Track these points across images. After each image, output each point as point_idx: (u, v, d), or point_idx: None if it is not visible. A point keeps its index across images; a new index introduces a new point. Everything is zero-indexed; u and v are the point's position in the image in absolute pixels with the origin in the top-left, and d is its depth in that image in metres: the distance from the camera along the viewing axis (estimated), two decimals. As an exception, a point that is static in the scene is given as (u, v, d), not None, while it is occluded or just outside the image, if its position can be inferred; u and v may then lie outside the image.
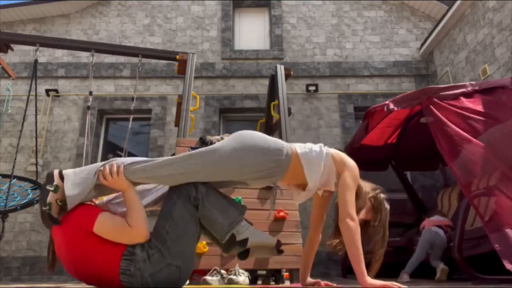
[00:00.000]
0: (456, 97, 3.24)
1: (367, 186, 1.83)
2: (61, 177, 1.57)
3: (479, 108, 3.16)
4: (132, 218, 1.57)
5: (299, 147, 1.73)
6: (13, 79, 4.70)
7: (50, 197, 1.54)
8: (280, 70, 4.23)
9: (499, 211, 2.54)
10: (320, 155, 1.72)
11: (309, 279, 1.98)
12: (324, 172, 1.71)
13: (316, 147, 1.76)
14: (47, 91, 6.08)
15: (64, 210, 1.56)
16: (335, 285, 1.95)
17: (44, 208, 1.54)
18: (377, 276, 1.70)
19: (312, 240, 1.99)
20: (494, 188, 2.67)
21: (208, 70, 6.41)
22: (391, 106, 3.63)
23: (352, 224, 1.62)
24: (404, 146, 4.87)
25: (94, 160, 5.87)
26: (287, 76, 4.33)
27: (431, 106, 3.22)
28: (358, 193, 1.75)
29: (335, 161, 1.73)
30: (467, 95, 3.26)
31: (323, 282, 1.96)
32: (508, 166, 2.75)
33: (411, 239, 4.20)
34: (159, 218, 1.65)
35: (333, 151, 1.78)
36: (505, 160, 2.79)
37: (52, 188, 1.54)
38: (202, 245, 2.80)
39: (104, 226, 1.52)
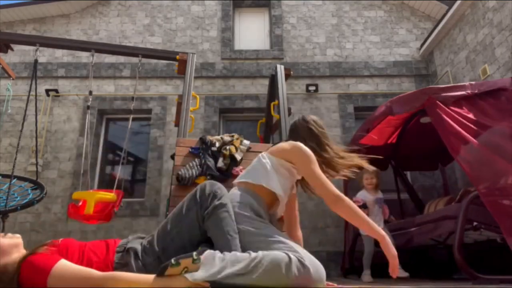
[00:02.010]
0: (456, 100, 3.25)
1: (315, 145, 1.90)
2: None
3: (480, 113, 3.18)
4: (121, 281, 1.35)
5: (241, 177, 1.84)
6: (13, 79, 4.70)
7: (186, 261, 1.37)
8: (280, 70, 4.23)
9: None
10: (260, 162, 1.81)
11: None
12: (278, 172, 1.77)
13: (254, 161, 1.86)
14: (47, 91, 6.08)
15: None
16: (335, 285, 1.95)
17: (172, 262, 1.36)
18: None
19: (295, 238, 1.98)
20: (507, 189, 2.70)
21: (208, 70, 6.41)
22: (395, 110, 3.66)
23: (343, 202, 1.64)
24: (404, 146, 4.86)
25: (94, 161, 5.88)
26: (287, 76, 4.33)
27: (434, 108, 3.24)
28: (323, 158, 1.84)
29: (276, 154, 1.80)
30: (468, 98, 3.27)
31: None
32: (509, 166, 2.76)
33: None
34: (168, 222, 1.61)
35: (268, 150, 1.87)
36: (507, 159, 2.81)
37: (195, 258, 1.39)
38: None
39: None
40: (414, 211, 5.02)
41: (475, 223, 2.96)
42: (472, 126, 3.09)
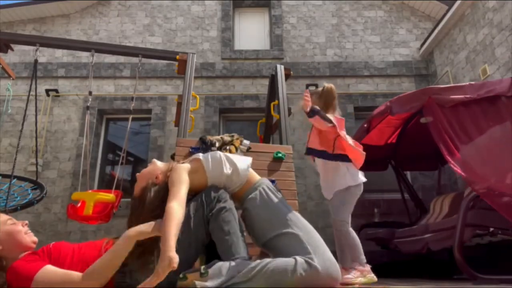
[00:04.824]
0: (455, 104, 3.25)
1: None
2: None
3: (477, 118, 3.20)
4: (102, 270, 1.39)
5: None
6: (13, 79, 4.70)
7: (193, 275, 1.45)
8: (280, 70, 4.22)
9: None
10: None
11: None
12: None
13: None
14: (47, 91, 6.08)
15: None
16: None
17: (180, 277, 1.47)
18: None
19: None
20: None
21: (208, 70, 6.41)
22: (395, 109, 3.65)
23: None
24: (404, 146, 4.87)
25: (94, 161, 5.87)
26: (287, 76, 4.32)
27: (431, 110, 3.26)
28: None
29: None
30: (466, 104, 3.27)
31: None
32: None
33: (392, 232, 4.19)
34: None
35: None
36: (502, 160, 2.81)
37: (203, 271, 1.46)
38: None
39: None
40: (414, 211, 5.03)
41: (491, 229, 2.94)
42: (468, 129, 3.10)
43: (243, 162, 1.87)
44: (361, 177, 2.67)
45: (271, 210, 1.69)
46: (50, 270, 1.41)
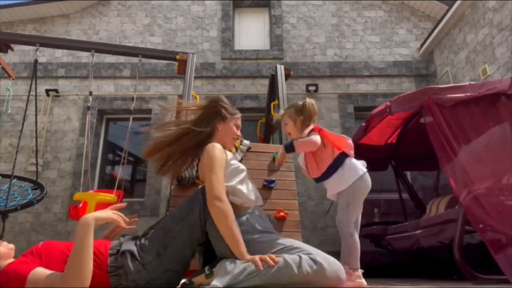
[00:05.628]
0: (454, 104, 3.25)
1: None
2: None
3: (476, 118, 3.20)
4: (74, 267, 1.36)
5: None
6: (13, 79, 4.70)
7: (199, 278, 1.47)
8: (280, 70, 4.23)
9: (497, 219, 2.58)
10: None
11: None
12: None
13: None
14: (47, 91, 6.08)
15: None
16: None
17: (186, 283, 1.48)
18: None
19: None
20: (493, 192, 2.71)
21: (208, 70, 6.41)
22: (393, 109, 3.65)
23: (220, 206, 1.56)
24: (404, 146, 4.87)
25: (94, 161, 5.87)
26: (287, 76, 4.33)
27: (430, 110, 3.26)
28: None
29: None
30: (466, 103, 3.26)
31: None
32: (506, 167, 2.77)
33: (385, 229, 4.21)
34: (169, 220, 1.60)
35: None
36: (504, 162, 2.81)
37: (208, 272, 1.46)
38: None
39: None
40: (414, 211, 5.03)
41: (481, 225, 2.94)
42: (467, 129, 3.10)
43: (249, 196, 1.80)
44: (362, 168, 2.42)
45: (256, 236, 1.65)
46: (40, 272, 1.39)
